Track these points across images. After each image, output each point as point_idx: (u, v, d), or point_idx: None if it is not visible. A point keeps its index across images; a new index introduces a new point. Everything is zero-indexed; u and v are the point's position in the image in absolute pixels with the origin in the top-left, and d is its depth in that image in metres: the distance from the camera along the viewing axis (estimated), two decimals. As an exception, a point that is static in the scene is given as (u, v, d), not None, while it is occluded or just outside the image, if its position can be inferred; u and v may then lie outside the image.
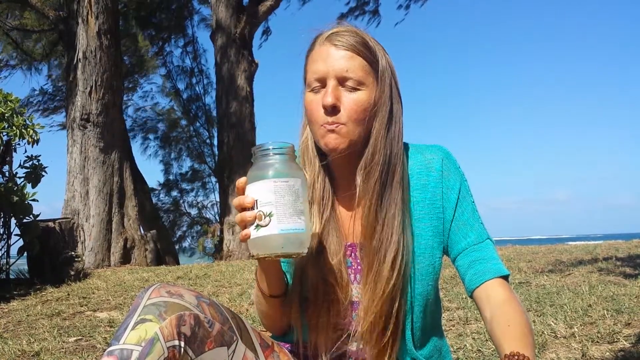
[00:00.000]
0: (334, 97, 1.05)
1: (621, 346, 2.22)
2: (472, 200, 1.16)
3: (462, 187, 1.15)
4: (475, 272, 1.10)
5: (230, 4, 9.76)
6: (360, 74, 1.06)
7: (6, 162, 5.26)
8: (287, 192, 0.95)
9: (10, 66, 12.06)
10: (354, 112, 1.05)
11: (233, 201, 0.98)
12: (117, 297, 4.13)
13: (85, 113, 7.60)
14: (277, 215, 0.93)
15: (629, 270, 4.19)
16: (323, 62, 1.06)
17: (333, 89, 1.05)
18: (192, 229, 15.14)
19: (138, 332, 0.89)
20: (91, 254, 7.33)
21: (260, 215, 0.94)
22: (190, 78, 14.73)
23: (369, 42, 1.08)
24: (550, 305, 3.02)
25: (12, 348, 2.61)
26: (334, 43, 1.07)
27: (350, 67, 1.05)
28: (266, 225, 0.93)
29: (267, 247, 0.95)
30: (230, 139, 9.62)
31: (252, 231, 0.95)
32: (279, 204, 0.94)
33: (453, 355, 2.22)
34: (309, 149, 1.14)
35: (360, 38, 1.07)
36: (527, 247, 7.08)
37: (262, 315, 1.19)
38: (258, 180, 0.96)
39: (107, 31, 7.77)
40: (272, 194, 0.94)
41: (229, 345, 0.99)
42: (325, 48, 1.07)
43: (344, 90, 1.06)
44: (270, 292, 1.11)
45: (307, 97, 1.10)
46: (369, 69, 1.07)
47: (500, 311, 1.02)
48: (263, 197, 0.94)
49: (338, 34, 1.08)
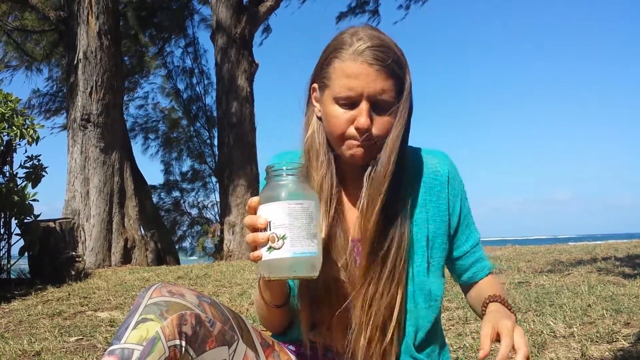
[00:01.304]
0: (369, 121, 1.05)
1: (620, 346, 2.23)
2: (469, 205, 1.23)
3: (463, 194, 1.21)
4: (475, 271, 1.24)
5: (231, 4, 9.76)
6: (392, 94, 1.06)
7: (7, 162, 5.27)
8: (301, 214, 0.94)
9: (11, 67, 12.07)
10: (384, 131, 1.07)
11: (245, 220, 0.97)
12: (117, 297, 4.13)
13: (86, 113, 7.61)
14: (291, 239, 0.92)
15: (628, 270, 4.20)
16: (357, 81, 1.04)
17: (368, 112, 1.05)
18: (192, 229, 15.13)
19: (139, 331, 0.89)
20: (92, 254, 7.33)
21: (273, 237, 0.93)
22: (191, 78, 14.72)
23: (400, 58, 1.07)
24: (549, 305, 3.03)
25: (13, 348, 2.62)
26: (368, 61, 1.04)
27: (385, 88, 1.05)
28: (279, 248, 0.92)
29: (279, 269, 0.94)
30: (230, 139, 9.61)
31: (264, 253, 0.94)
32: (293, 227, 0.93)
33: (453, 354, 2.23)
34: (316, 144, 1.13)
35: (394, 54, 1.06)
36: (526, 247, 7.08)
37: (262, 318, 1.19)
38: (272, 201, 0.94)
39: (107, 31, 7.78)
40: (286, 217, 0.93)
41: (230, 344, 0.99)
42: (359, 65, 1.04)
43: (375, 112, 1.06)
44: (273, 302, 1.11)
45: (333, 109, 1.08)
46: (399, 87, 1.07)
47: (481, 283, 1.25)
48: (277, 219, 0.93)
49: (371, 48, 1.04)
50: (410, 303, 1.12)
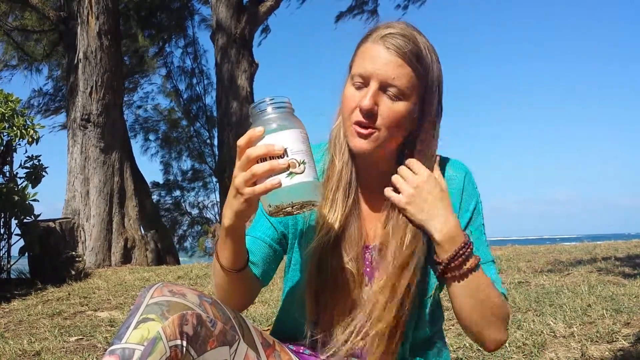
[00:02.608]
0: (372, 101, 1.03)
1: (620, 346, 2.23)
2: (482, 222, 1.17)
3: (476, 209, 1.16)
4: None
5: (231, 4, 9.77)
6: (405, 84, 1.03)
7: (7, 162, 5.27)
8: (308, 142, 0.97)
9: (11, 67, 12.07)
10: (389, 120, 1.04)
11: (254, 150, 0.92)
12: (118, 297, 4.13)
13: (86, 113, 7.61)
14: (309, 164, 0.94)
15: (628, 270, 4.20)
16: (371, 62, 1.04)
17: (374, 93, 1.03)
18: (192, 229, 15.15)
19: (140, 331, 0.89)
20: (92, 253, 7.33)
21: (294, 163, 0.92)
22: (191, 78, 14.73)
23: (422, 52, 1.05)
24: (549, 304, 3.03)
25: (13, 347, 2.62)
26: (386, 45, 1.03)
27: (397, 75, 1.03)
28: (301, 173, 0.92)
29: (302, 194, 0.93)
30: (230, 139, 9.61)
31: (284, 180, 0.92)
32: (308, 153, 0.95)
33: (453, 354, 2.23)
34: (340, 133, 1.13)
35: (415, 46, 1.04)
36: (526, 246, 7.08)
37: (222, 292, 1.13)
38: (285, 129, 0.94)
39: (107, 31, 7.77)
40: (302, 143, 0.95)
41: (231, 344, 0.99)
42: (377, 47, 1.04)
43: (385, 96, 1.04)
44: (233, 265, 1.07)
45: (348, 89, 1.09)
46: (415, 81, 1.05)
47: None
48: (294, 146, 0.94)
49: (393, 35, 1.04)
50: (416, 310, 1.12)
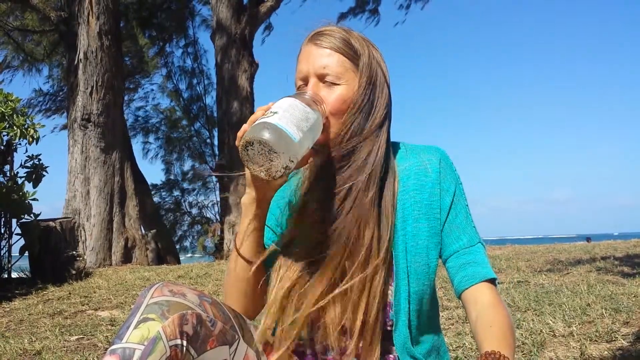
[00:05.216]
0: (313, 91, 1.08)
1: (619, 345, 2.24)
2: (465, 204, 1.16)
3: (457, 190, 1.15)
4: (464, 275, 1.10)
5: (231, 5, 9.77)
6: (338, 69, 1.08)
7: (7, 162, 5.28)
8: (300, 112, 0.99)
9: (11, 67, 12.07)
10: (331, 105, 1.08)
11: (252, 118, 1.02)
12: (118, 296, 4.14)
13: (86, 113, 7.62)
14: (280, 115, 0.97)
15: (627, 270, 4.21)
16: (305, 62, 1.10)
17: (313, 86, 1.09)
18: (192, 229, 15.15)
19: (141, 331, 0.89)
20: (92, 253, 7.35)
21: (268, 110, 1.00)
22: (191, 78, 14.74)
23: (350, 39, 1.11)
24: (548, 304, 3.03)
25: (14, 347, 2.63)
26: (315, 42, 1.10)
27: (328, 63, 1.08)
28: (268, 117, 0.97)
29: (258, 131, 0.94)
30: (230, 139, 9.61)
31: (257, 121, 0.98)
32: (287, 111, 0.98)
33: (452, 353, 2.24)
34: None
35: (342, 36, 1.10)
36: (526, 246, 7.09)
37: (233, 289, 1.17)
38: (284, 97, 1.02)
39: (108, 32, 7.79)
40: (287, 104, 0.99)
41: (231, 344, 1.00)
42: (308, 48, 1.11)
43: (324, 86, 1.09)
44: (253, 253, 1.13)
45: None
46: (349, 64, 1.09)
47: (485, 313, 1.04)
48: (278, 104, 1.00)
49: (320, 33, 1.11)
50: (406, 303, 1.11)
